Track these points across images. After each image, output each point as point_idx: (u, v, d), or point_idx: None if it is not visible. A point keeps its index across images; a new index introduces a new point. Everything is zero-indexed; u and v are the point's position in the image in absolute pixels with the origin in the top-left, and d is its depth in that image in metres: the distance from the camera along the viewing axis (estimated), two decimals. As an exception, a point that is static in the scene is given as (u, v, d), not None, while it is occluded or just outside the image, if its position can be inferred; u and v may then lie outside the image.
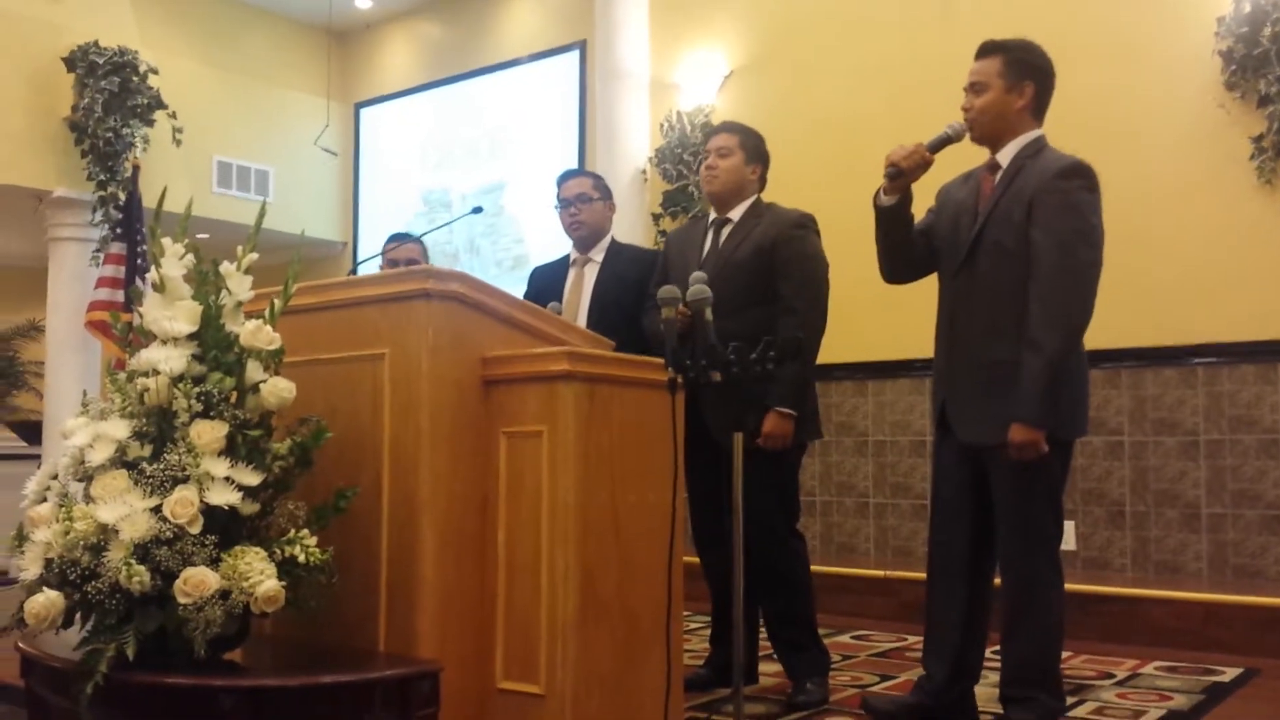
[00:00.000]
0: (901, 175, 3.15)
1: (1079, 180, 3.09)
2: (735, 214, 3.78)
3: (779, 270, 3.63)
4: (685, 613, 3.27)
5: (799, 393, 3.57)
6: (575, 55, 8.43)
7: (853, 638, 4.92)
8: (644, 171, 7.60)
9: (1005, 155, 3.20)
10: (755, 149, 3.83)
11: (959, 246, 3.22)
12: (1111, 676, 4.13)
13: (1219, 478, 5.37)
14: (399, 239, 4.66)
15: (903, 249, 3.33)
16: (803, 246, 3.65)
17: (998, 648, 3.26)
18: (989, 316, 3.13)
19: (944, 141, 3.18)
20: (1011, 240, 3.09)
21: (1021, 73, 3.19)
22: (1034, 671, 3.13)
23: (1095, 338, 5.57)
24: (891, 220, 3.25)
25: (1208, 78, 5.52)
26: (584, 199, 4.13)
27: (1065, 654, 4.43)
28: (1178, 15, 5.66)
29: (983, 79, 3.20)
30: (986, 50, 3.23)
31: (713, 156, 3.80)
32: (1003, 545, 3.17)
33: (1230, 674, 4.17)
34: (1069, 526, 5.69)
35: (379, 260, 4.47)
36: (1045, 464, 3.06)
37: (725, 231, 3.78)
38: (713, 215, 3.85)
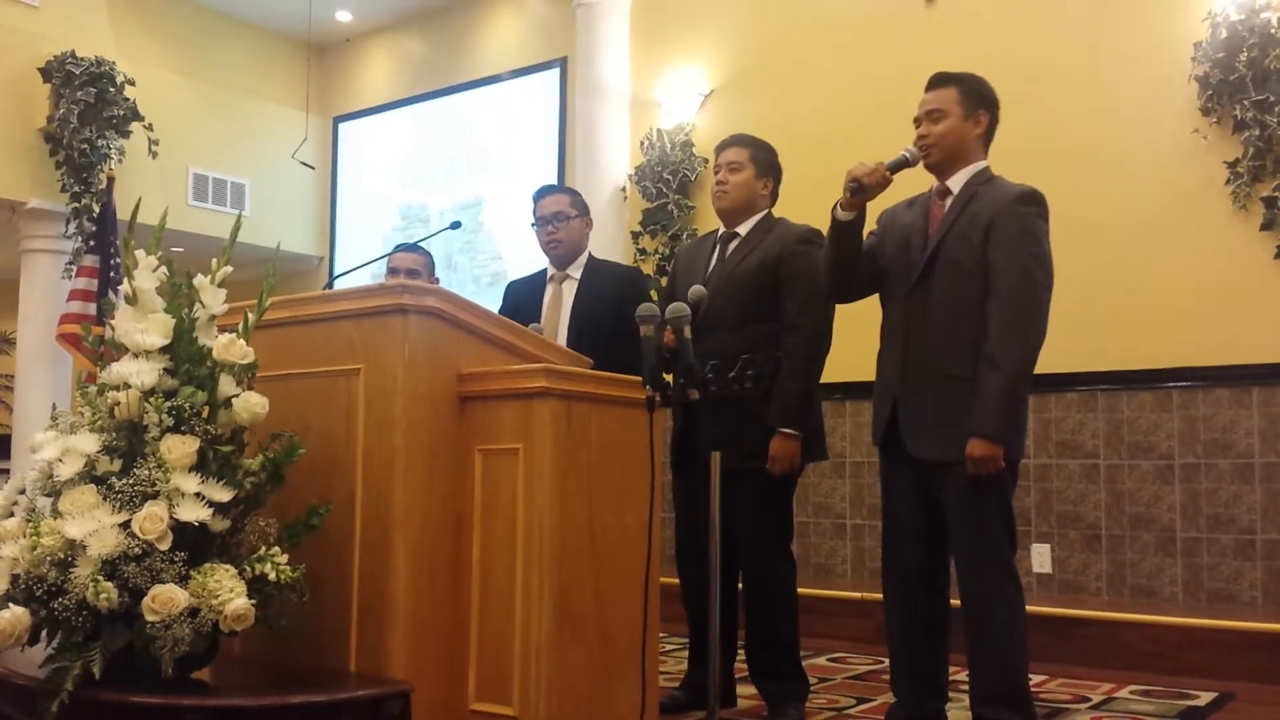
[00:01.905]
0: (863, 191, 3.18)
1: (1035, 207, 3.17)
2: (744, 228, 3.73)
3: (783, 286, 3.58)
4: (662, 634, 3.25)
5: (803, 412, 3.51)
6: (556, 72, 8.44)
7: (829, 660, 4.90)
8: (624, 189, 7.60)
9: (956, 182, 3.26)
10: (767, 162, 3.78)
11: (911, 267, 3.26)
12: (1087, 700, 4.12)
13: (1194, 502, 5.39)
14: (404, 249, 4.63)
15: (853, 266, 3.36)
16: (808, 262, 3.56)
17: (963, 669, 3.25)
18: (946, 334, 3.18)
19: (902, 164, 3.23)
20: (969, 261, 3.15)
21: (977, 103, 3.27)
22: (1003, 689, 3.13)
23: (1071, 361, 5.68)
24: (847, 235, 3.28)
25: (1184, 103, 5.56)
26: (561, 217, 4.10)
27: (1041, 678, 4.46)
28: (1155, 41, 5.70)
29: (941, 107, 3.26)
30: (941, 81, 3.30)
31: (723, 171, 3.75)
32: (960, 563, 3.18)
33: (1205, 698, 4.17)
34: (1045, 550, 5.72)
35: (366, 271, 4.41)
36: (998, 483, 3.11)
37: (732, 245, 3.73)
38: (721, 230, 3.82)
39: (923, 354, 3.21)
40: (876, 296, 3.43)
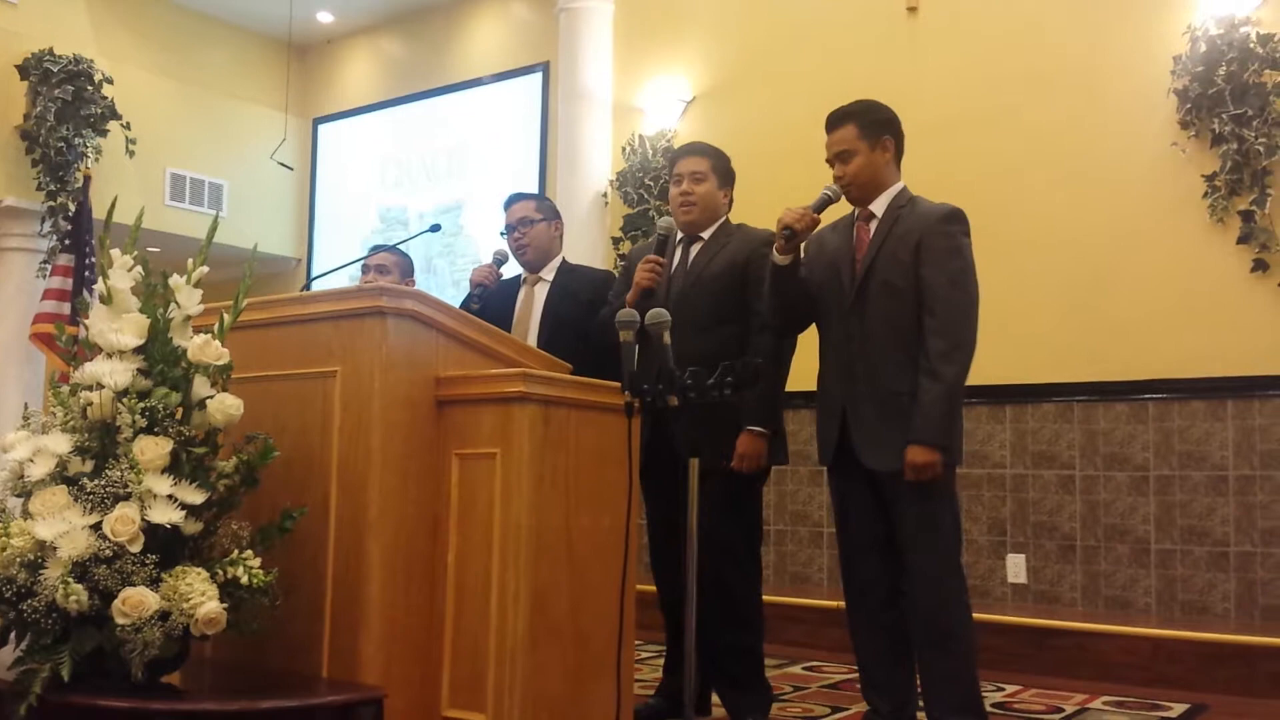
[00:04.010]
0: (795, 236, 3.28)
1: (959, 225, 3.30)
2: (706, 233, 3.75)
3: (752, 287, 3.59)
4: (638, 641, 3.24)
5: (772, 411, 3.56)
6: (538, 76, 8.43)
7: (804, 669, 4.90)
8: (605, 195, 7.59)
9: (879, 205, 3.37)
10: (725, 170, 3.81)
11: (843, 289, 3.36)
12: (1060, 710, 4.13)
13: (1168, 513, 5.41)
14: (382, 251, 4.62)
15: (794, 304, 3.44)
16: None
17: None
18: (887, 350, 3.27)
19: (825, 203, 3.32)
20: (901, 280, 3.27)
21: (878, 130, 3.38)
22: (958, 694, 3.19)
23: (1047, 372, 5.71)
24: (787, 279, 3.37)
25: (1163, 116, 5.59)
26: (526, 222, 4.12)
27: (1015, 688, 4.48)
28: (1135, 54, 5.74)
29: (846, 147, 3.37)
30: (837, 120, 3.41)
31: (686, 182, 3.74)
32: (914, 571, 3.23)
33: (1178, 709, 4.19)
34: (1020, 560, 5.73)
35: (344, 273, 4.40)
36: (946, 489, 3.24)
37: (696, 249, 3.74)
38: (680, 235, 3.81)
39: (866, 371, 3.30)
40: None
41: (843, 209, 3.44)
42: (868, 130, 3.36)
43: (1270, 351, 5.24)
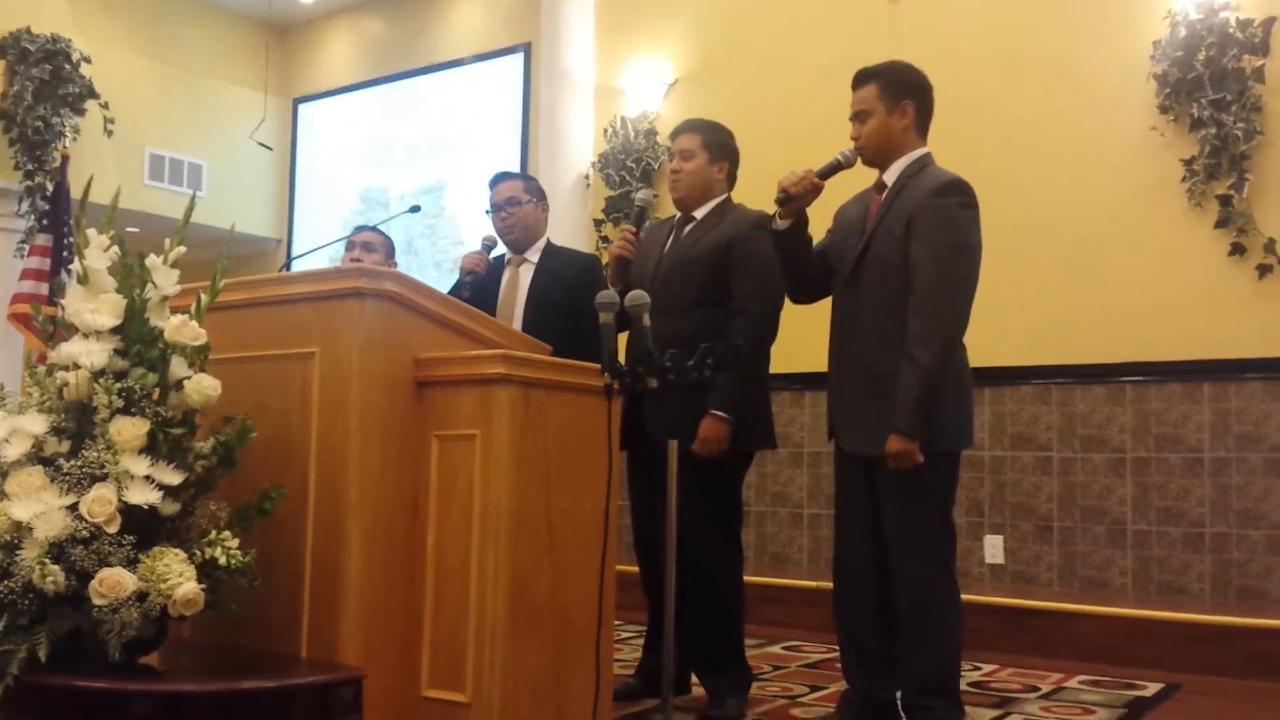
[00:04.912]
0: (791, 201, 3.20)
1: (956, 197, 3.17)
2: (700, 212, 3.71)
3: (734, 270, 3.55)
4: (618, 622, 3.25)
5: (736, 395, 3.47)
6: (520, 57, 8.39)
7: (784, 648, 4.93)
8: (587, 176, 7.58)
9: (891, 174, 3.28)
10: (720, 145, 3.74)
11: (846, 263, 3.30)
12: (1036, 690, 4.17)
13: (1145, 495, 5.45)
14: (364, 231, 4.63)
15: (800, 270, 3.38)
16: (759, 248, 3.51)
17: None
18: (873, 329, 3.20)
19: (834, 168, 3.24)
20: (894, 255, 3.17)
21: (899, 94, 3.27)
22: (932, 681, 3.17)
23: (1025, 355, 5.73)
24: (787, 244, 3.30)
25: (1142, 101, 5.61)
26: (514, 202, 4.10)
27: (992, 667, 4.51)
28: (1114, 39, 5.75)
29: (864, 107, 3.28)
30: (862, 79, 3.32)
31: (676, 159, 3.72)
32: (895, 557, 3.19)
33: (1152, 689, 4.23)
34: (997, 541, 5.77)
35: (324, 253, 4.39)
36: (931, 475, 3.11)
37: (687, 229, 3.71)
38: (678, 215, 3.81)
39: (853, 350, 3.26)
40: None
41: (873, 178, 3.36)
42: (889, 92, 3.25)
43: (1247, 335, 5.28)
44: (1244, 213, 5.33)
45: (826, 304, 3.54)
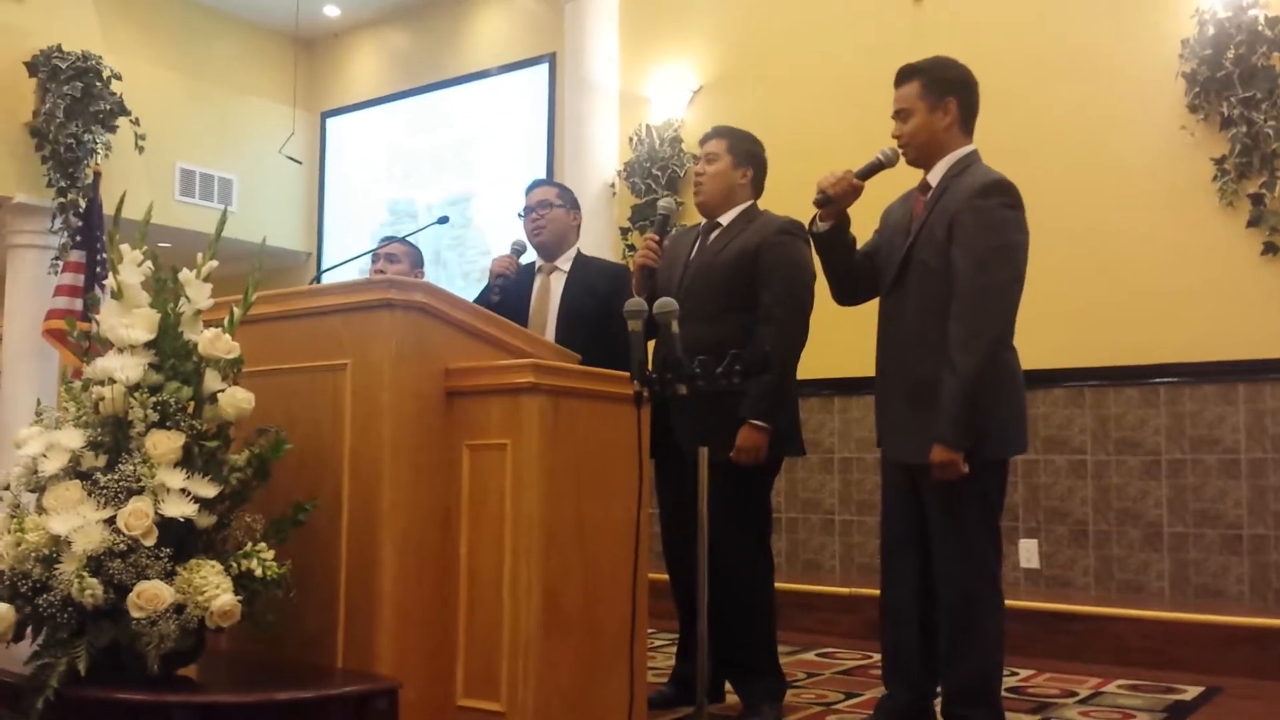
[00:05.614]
0: (830, 202, 3.16)
1: (999, 197, 3.08)
2: (725, 219, 3.68)
3: (761, 277, 3.52)
4: (650, 629, 3.24)
5: (773, 404, 3.44)
6: (545, 67, 8.41)
7: (818, 655, 4.90)
8: (612, 185, 7.59)
9: (935, 174, 3.20)
10: (745, 152, 3.72)
11: (891, 266, 3.23)
12: (1074, 695, 4.13)
13: (1180, 497, 5.40)
14: (391, 243, 4.65)
15: (843, 273, 3.33)
16: (786, 253, 3.50)
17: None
18: (916, 335, 3.13)
19: (875, 168, 3.18)
20: (935, 259, 3.10)
21: (942, 91, 3.19)
22: (974, 690, 3.13)
23: (1058, 357, 5.69)
24: (829, 246, 3.26)
25: (1171, 100, 5.57)
26: (545, 205, 4.11)
27: (1028, 672, 4.47)
28: (1142, 38, 5.71)
29: (906, 105, 3.21)
30: (904, 76, 3.24)
31: (701, 163, 3.72)
32: (940, 566, 3.14)
33: (1192, 692, 4.18)
34: (1032, 545, 5.73)
35: (353, 266, 4.43)
36: (977, 484, 3.04)
37: (713, 235, 3.69)
38: (703, 222, 3.80)
39: (897, 357, 3.20)
40: None
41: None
42: (931, 89, 3.17)
43: (1281, 334, 5.23)
44: (1276, 211, 5.28)
45: (856, 311, 3.53)
